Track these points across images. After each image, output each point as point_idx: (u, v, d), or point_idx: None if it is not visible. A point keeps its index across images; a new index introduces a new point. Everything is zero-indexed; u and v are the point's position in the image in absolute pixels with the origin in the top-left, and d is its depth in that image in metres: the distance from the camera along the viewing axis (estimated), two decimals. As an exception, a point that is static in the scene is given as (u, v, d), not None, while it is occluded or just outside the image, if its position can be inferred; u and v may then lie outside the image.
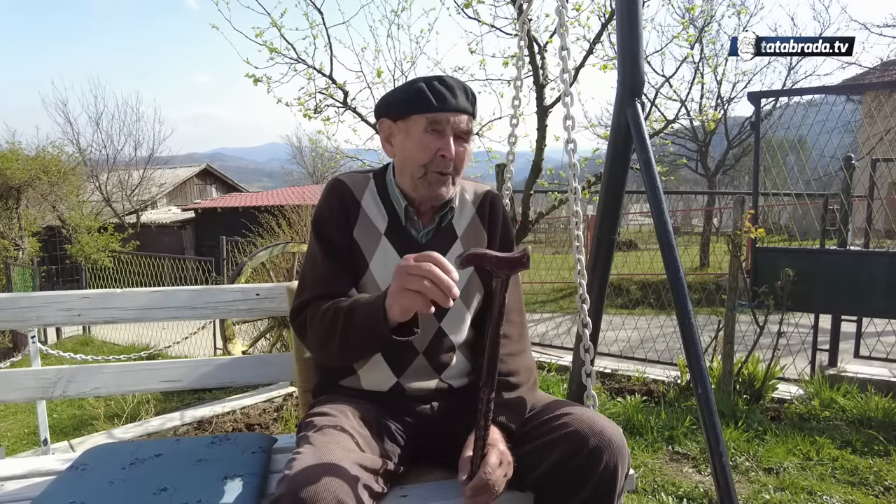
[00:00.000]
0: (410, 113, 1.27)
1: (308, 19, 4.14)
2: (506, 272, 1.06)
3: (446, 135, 1.26)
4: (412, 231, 1.35)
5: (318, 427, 1.16)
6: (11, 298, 1.52)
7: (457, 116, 1.26)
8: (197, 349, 6.61)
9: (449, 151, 1.26)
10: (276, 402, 3.94)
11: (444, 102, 1.25)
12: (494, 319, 1.09)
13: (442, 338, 1.34)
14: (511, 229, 1.47)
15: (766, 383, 3.54)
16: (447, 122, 1.26)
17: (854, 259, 3.58)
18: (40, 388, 1.55)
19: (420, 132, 1.26)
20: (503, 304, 1.08)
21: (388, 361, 1.32)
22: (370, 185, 1.37)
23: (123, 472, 1.22)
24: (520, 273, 1.30)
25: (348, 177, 1.39)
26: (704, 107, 11.68)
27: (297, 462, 1.03)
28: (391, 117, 1.32)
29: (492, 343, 1.10)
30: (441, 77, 1.29)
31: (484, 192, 1.44)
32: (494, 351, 1.10)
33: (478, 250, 1.07)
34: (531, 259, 1.08)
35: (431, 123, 1.26)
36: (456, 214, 1.39)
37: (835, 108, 4.32)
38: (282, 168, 50.74)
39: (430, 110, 1.25)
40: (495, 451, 1.13)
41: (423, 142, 1.26)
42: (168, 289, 1.62)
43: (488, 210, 1.42)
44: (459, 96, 1.27)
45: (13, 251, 11.29)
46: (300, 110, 4.42)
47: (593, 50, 3.81)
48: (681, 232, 13.99)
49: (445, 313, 1.34)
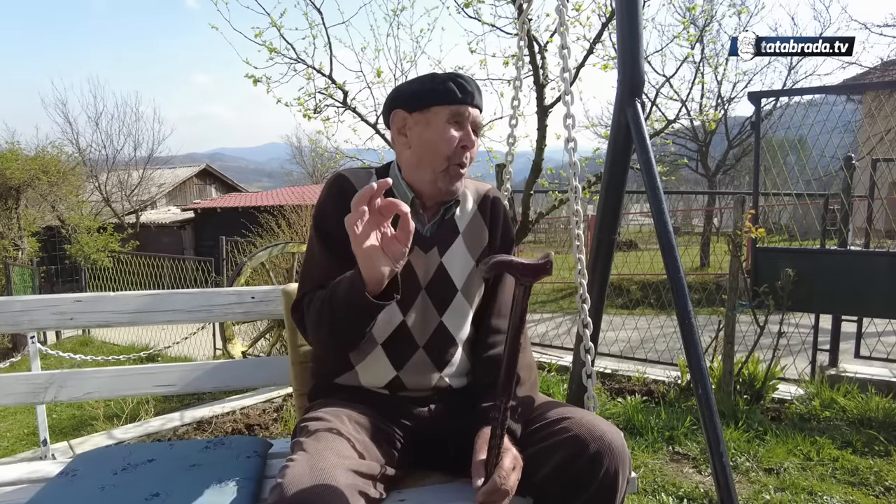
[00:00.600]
0: (431, 104, 1.26)
1: (307, 19, 4.14)
2: (529, 279, 1.06)
3: (466, 127, 1.27)
4: (417, 223, 1.33)
5: (312, 432, 1.14)
6: (4, 302, 1.51)
7: (475, 111, 1.29)
8: (196, 349, 6.60)
9: (471, 143, 1.28)
10: (276, 403, 3.93)
11: (466, 95, 1.26)
12: (514, 327, 1.08)
13: (443, 333, 1.33)
14: (511, 229, 1.46)
15: (766, 383, 3.53)
16: (468, 115, 1.27)
17: (854, 259, 3.57)
18: (31, 393, 1.54)
19: (442, 123, 1.26)
20: (524, 311, 1.08)
21: (388, 354, 1.30)
22: (373, 181, 1.37)
23: (115, 478, 1.20)
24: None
25: (350, 172, 1.38)
26: (705, 107, 11.63)
27: (289, 469, 1.01)
28: (407, 108, 1.29)
29: (511, 351, 1.09)
30: (452, 73, 1.30)
31: (485, 190, 1.44)
32: (513, 359, 1.09)
33: (503, 257, 1.07)
34: (530, 258, 1.07)
35: (454, 115, 1.26)
36: (458, 210, 1.38)
37: (835, 108, 4.31)
38: (281, 168, 50.75)
39: (454, 102, 1.26)
40: (510, 455, 1.11)
41: (445, 133, 1.26)
42: (162, 292, 1.60)
43: (490, 208, 1.42)
44: (475, 91, 1.29)
45: (12, 251, 11.27)
46: (300, 110, 4.42)
47: (593, 49, 3.80)
48: (681, 232, 13.98)
49: (447, 308, 1.33)
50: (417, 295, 1.32)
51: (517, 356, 1.09)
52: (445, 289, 1.34)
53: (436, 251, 1.33)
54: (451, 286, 1.34)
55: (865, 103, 8.75)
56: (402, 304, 1.29)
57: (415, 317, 1.31)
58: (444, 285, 1.33)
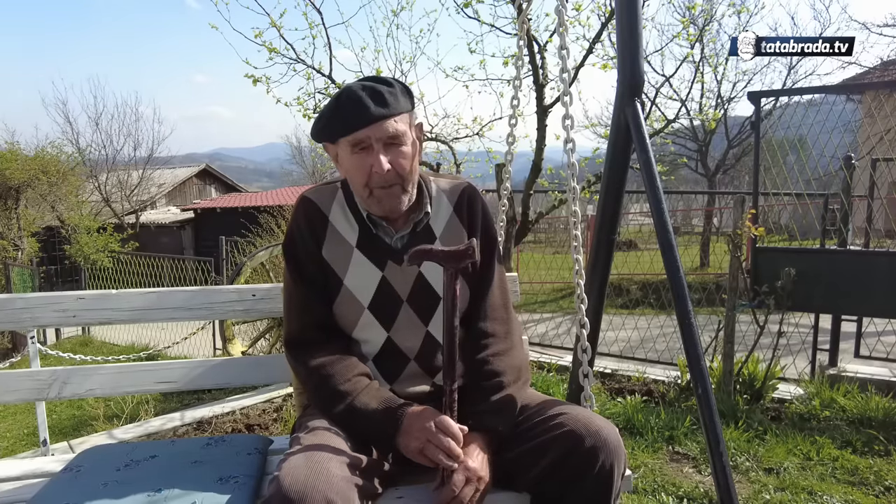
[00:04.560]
0: (336, 137, 1.25)
1: (307, 19, 4.14)
2: (453, 265, 1.10)
3: (374, 149, 1.22)
4: (385, 238, 1.33)
5: (310, 429, 1.16)
6: (6, 299, 1.51)
7: (377, 127, 1.20)
8: (196, 349, 6.60)
9: (380, 166, 1.21)
10: (276, 403, 3.93)
11: (358, 119, 1.20)
12: (448, 312, 1.12)
13: (431, 341, 1.33)
14: (493, 225, 1.44)
15: (766, 383, 3.53)
16: (369, 137, 1.21)
17: (854, 259, 3.57)
18: (35, 390, 1.54)
19: (349, 155, 1.24)
20: (455, 296, 1.11)
21: (381, 370, 1.31)
22: (338, 197, 1.35)
23: (118, 474, 1.21)
24: (506, 271, 1.31)
25: (314, 192, 1.36)
26: (704, 106, 11.65)
27: (287, 463, 1.03)
28: (328, 141, 1.30)
29: (448, 335, 1.12)
30: (350, 89, 1.22)
31: (461, 189, 1.40)
32: (451, 342, 1.12)
33: (423, 247, 1.11)
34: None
35: (355, 144, 1.23)
36: (432, 215, 1.36)
37: (835, 107, 4.31)
38: (281, 168, 50.72)
39: (348, 132, 1.22)
40: (462, 467, 1.11)
41: (353, 163, 1.24)
42: (164, 290, 1.61)
43: (466, 206, 1.39)
44: (371, 105, 1.19)
45: (12, 252, 11.27)
46: (299, 110, 4.42)
47: (593, 49, 3.81)
48: (681, 232, 13.97)
49: (432, 317, 1.33)
50: (399, 308, 1.31)
51: (455, 340, 1.12)
52: (428, 298, 1.32)
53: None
54: (433, 294, 1.32)
55: (865, 103, 8.76)
56: (385, 321, 1.30)
57: (401, 330, 1.31)
58: (425, 295, 1.32)
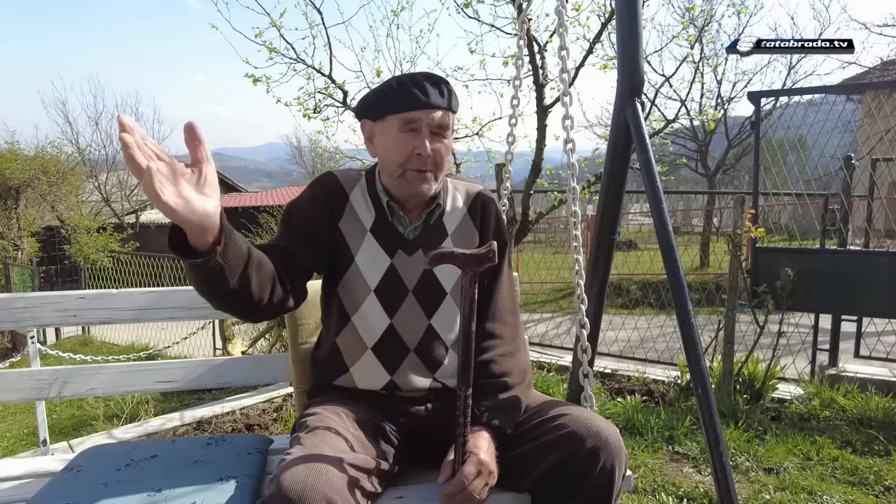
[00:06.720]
0: (385, 113, 1.28)
1: (307, 19, 4.14)
2: (474, 268, 1.09)
3: (422, 133, 1.26)
4: (398, 227, 1.35)
5: (310, 428, 1.16)
6: (7, 299, 1.52)
7: (431, 113, 1.26)
8: (196, 349, 6.60)
9: (424, 149, 1.26)
10: (276, 403, 3.93)
11: (415, 101, 1.25)
12: (465, 317, 1.11)
13: (433, 335, 1.34)
14: (505, 230, 1.47)
15: (766, 383, 3.54)
16: (421, 120, 1.26)
17: (854, 259, 3.57)
18: (36, 389, 1.54)
19: (395, 132, 1.27)
20: (473, 300, 1.11)
21: (380, 359, 1.32)
22: (361, 182, 1.38)
23: (118, 474, 1.21)
24: (516, 273, 1.30)
25: (340, 171, 1.40)
26: (704, 106, 11.67)
27: (286, 463, 1.03)
28: (370, 117, 1.32)
29: (464, 339, 1.11)
30: (413, 75, 1.28)
31: (476, 192, 1.44)
32: (468, 347, 1.11)
33: (445, 249, 1.10)
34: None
35: (406, 123, 1.26)
36: (447, 212, 1.39)
37: (835, 107, 4.31)
38: (281, 168, 50.82)
39: (403, 110, 1.26)
40: (474, 459, 1.12)
41: (398, 141, 1.27)
42: (165, 289, 1.61)
43: (480, 210, 1.42)
44: (432, 93, 1.26)
45: (12, 251, 11.27)
46: (300, 110, 4.42)
47: (593, 49, 3.81)
48: (681, 232, 13.98)
49: (436, 310, 1.34)
50: (405, 298, 1.33)
51: (471, 344, 1.11)
52: (434, 291, 1.34)
53: (421, 253, 1.34)
54: (440, 289, 1.35)
55: (865, 103, 8.75)
56: (389, 308, 1.31)
57: (403, 320, 1.32)
58: (432, 288, 1.34)
